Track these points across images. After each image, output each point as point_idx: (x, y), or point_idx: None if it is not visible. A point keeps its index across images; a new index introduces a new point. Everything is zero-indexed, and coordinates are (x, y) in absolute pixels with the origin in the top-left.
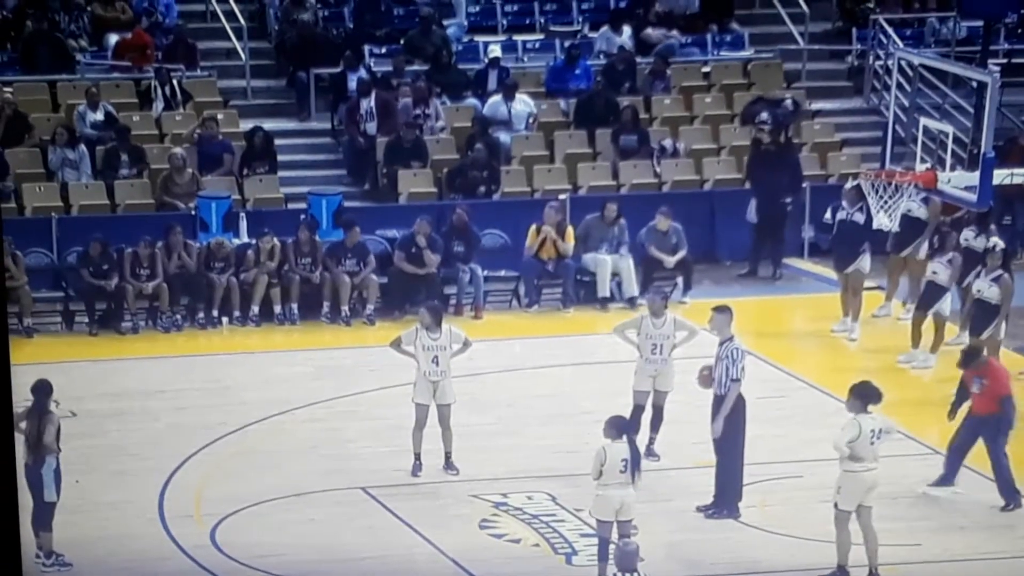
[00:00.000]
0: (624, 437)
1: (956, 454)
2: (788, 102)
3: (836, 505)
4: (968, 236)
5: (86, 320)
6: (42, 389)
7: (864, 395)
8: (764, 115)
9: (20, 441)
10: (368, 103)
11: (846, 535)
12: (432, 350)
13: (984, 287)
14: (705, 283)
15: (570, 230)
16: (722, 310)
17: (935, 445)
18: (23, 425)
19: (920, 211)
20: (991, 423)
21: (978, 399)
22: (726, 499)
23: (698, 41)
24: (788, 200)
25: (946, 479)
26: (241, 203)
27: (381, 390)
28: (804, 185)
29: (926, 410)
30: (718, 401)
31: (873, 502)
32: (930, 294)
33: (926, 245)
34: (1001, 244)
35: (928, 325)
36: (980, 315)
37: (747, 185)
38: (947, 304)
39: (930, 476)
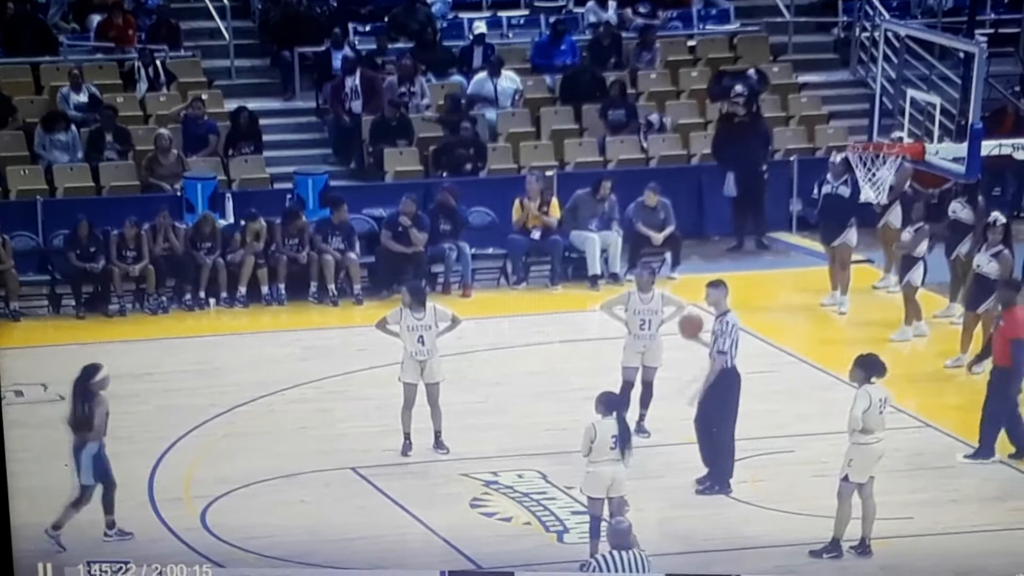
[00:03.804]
0: (614, 413)
1: (986, 418)
2: (751, 72)
3: (847, 478)
4: (957, 208)
5: (73, 303)
6: (86, 372)
7: (868, 366)
8: (739, 87)
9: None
10: (353, 81)
11: (848, 508)
12: (417, 330)
13: (984, 262)
14: (693, 258)
15: (555, 202)
16: (716, 285)
17: (926, 418)
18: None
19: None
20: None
21: (996, 348)
22: (718, 474)
23: (683, 15)
24: (765, 168)
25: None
26: (227, 184)
27: (370, 370)
28: (792, 158)
29: (915, 384)
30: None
31: (877, 472)
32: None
33: (899, 213)
34: (1002, 219)
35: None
36: (979, 290)
37: (716, 160)
38: (918, 274)
39: (920, 449)
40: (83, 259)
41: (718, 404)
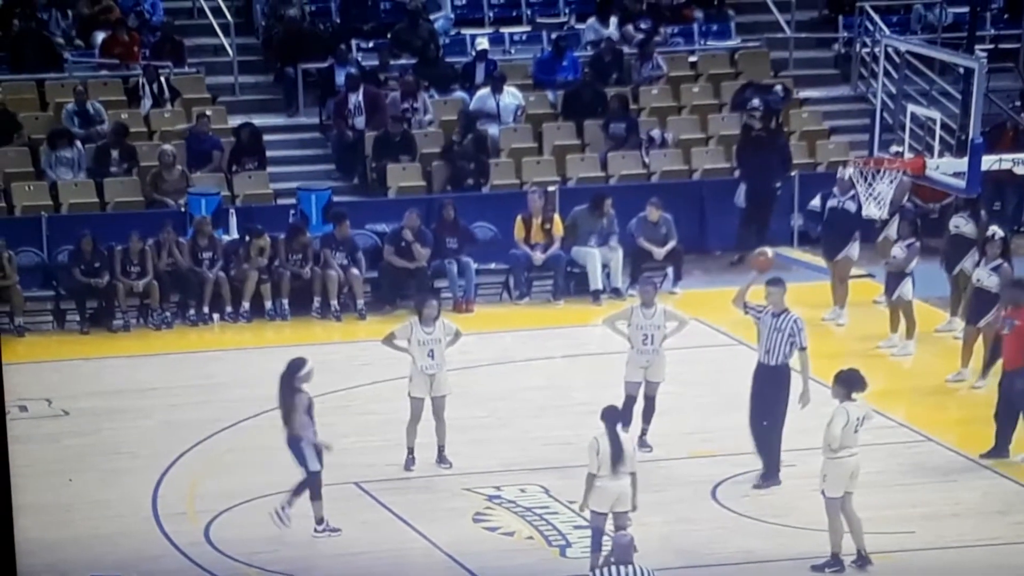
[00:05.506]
0: (618, 426)
1: (1002, 421)
2: (778, 88)
3: (823, 493)
4: (959, 223)
5: (77, 318)
6: (291, 367)
7: (848, 382)
8: (756, 101)
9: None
10: (356, 97)
11: (839, 523)
12: (428, 344)
13: (984, 276)
14: (695, 273)
15: (557, 218)
16: (778, 283)
17: (927, 432)
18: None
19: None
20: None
21: (1008, 350)
22: (771, 468)
23: (685, 31)
24: (778, 184)
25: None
26: (231, 199)
27: (373, 385)
28: (793, 173)
29: (916, 398)
30: (765, 371)
31: (855, 488)
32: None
33: (896, 228)
34: (1000, 233)
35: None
36: (979, 304)
37: (736, 171)
38: (908, 288)
39: (922, 463)
40: (87, 274)
41: (775, 399)
